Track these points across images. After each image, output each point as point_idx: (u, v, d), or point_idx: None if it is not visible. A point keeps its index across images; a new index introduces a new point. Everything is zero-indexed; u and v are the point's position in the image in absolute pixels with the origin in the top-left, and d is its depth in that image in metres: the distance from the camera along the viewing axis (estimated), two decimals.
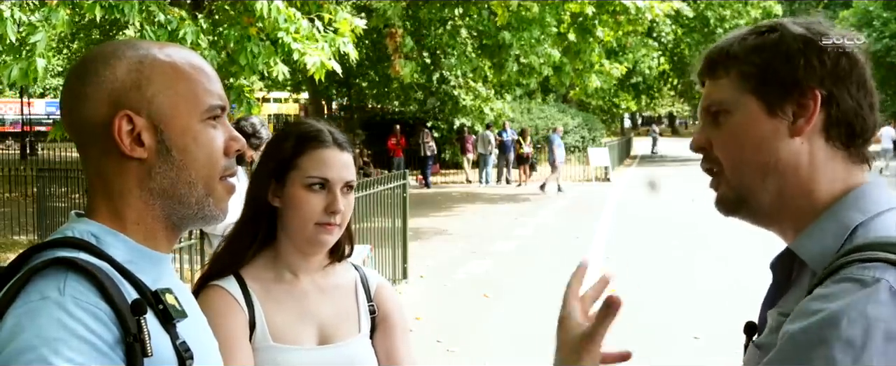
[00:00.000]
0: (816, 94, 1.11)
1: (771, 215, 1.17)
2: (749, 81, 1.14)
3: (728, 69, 1.17)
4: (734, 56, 1.16)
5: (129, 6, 6.47)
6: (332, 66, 7.41)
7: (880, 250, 1.01)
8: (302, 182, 1.71)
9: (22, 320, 0.96)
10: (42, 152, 23.23)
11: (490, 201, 18.82)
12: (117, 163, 1.10)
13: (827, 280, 1.01)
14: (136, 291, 1.05)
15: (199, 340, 1.14)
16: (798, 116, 1.12)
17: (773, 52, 1.13)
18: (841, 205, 1.11)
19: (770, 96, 1.13)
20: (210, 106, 1.13)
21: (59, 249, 1.05)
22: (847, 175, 1.14)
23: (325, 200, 1.70)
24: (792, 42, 1.13)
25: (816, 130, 1.12)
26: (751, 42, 1.16)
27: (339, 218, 1.72)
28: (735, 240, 6.41)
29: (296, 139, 1.74)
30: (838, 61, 1.12)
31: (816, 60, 1.12)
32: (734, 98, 1.15)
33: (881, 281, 0.96)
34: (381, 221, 8.56)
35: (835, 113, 1.12)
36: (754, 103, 1.14)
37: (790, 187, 1.13)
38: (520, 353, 6.52)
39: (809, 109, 1.11)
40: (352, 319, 1.80)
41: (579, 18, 14.31)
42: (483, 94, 17.89)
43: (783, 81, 1.12)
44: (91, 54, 1.14)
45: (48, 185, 12.22)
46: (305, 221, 1.71)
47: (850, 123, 1.13)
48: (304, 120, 1.86)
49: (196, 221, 1.14)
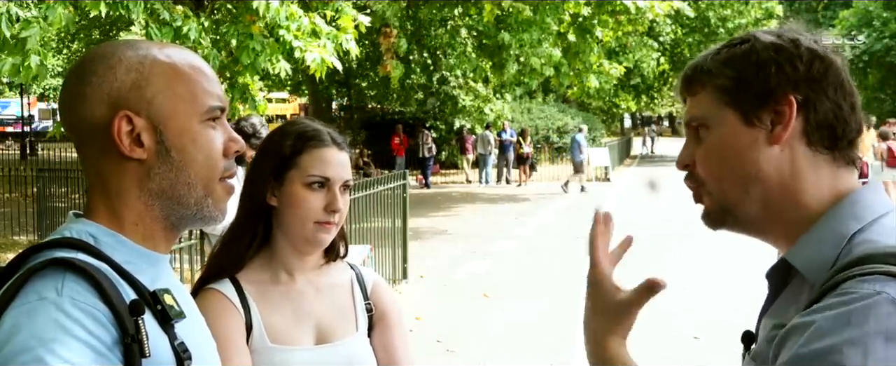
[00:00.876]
0: (791, 99, 1.10)
1: (758, 225, 1.17)
2: (725, 94, 1.14)
3: (704, 84, 1.17)
4: (708, 71, 1.16)
5: (134, 3, 6.46)
6: (333, 62, 7.42)
7: (880, 263, 0.99)
8: (302, 181, 1.70)
9: (19, 320, 0.96)
10: (42, 152, 23.24)
11: (490, 201, 18.83)
12: (116, 163, 1.10)
13: (826, 296, 1.00)
14: (134, 291, 1.04)
15: (198, 340, 1.14)
16: (775, 124, 1.11)
17: (744, 63, 1.13)
18: (835, 212, 1.10)
19: (746, 106, 1.12)
20: (209, 107, 1.13)
21: (58, 249, 1.04)
22: (834, 180, 1.12)
23: (325, 199, 1.70)
24: (763, 51, 1.13)
25: (796, 135, 1.11)
26: (723, 55, 1.16)
27: (338, 217, 1.72)
28: (735, 240, 6.39)
29: (295, 138, 1.73)
30: (812, 65, 1.11)
31: (789, 66, 1.11)
32: (712, 112, 1.15)
33: (882, 295, 0.95)
34: (381, 221, 8.56)
35: (813, 117, 1.11)
36: (731, 115, 1.14)
37: (775, 196, 1.13)
38: (520, 353, 6.53)
39: (786, 115, 1.10)
40: (349, 318, 1.79)
41: (578, 19, 14.31)
42: (483, 94, 17.90)
43: (757, 90, 1.12)
44: (90, 55, 1.14)
45: (48, 185, 12.22)
46: (305, 219, 1.70)
47: (831, 125, 1.11)
48: (300, 119, 1.86)
49: (195, 221, 1.14)
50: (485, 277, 9.67)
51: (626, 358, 1.15)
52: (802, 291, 1.09)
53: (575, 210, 16.72)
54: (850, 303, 0.96)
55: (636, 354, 1.19)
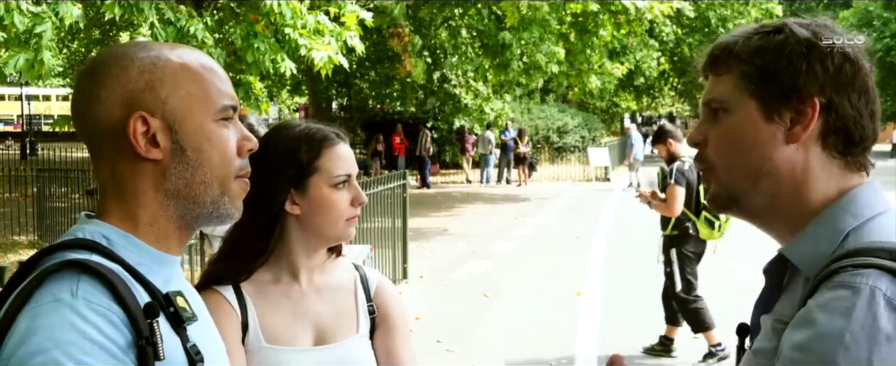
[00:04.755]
0: (815, 101, 1.09)
1: (762, 218, 1.17)
2: (750, 83, 1.13)
3: (730, 67, 1.15)
4: (737, 55, 1.14)
5: (148, 4, 6.47)
6: (339, 60, 7.41)
7: (872, 256, 1.00)
8: (328, 183, 1.70)
9: (34, 322, 0.96)
10: (42, 152, 23.21)
11: (490, 201, 18.82)
12: (132, 164, 1.10)
13: (820, 287, 1.01)
14: (147, 293, 1.05)
15: (209, 343, 1.14)
16: (795, 123, 1.10)
17: (775, 55, 1.11)
18: (833, 209, 1.10)
19: (768, 100, 1.11)
20: (223, 106, 1.14)
21: (71, 250, 1.04)
22: (843, 181, 1.12)
23: (351, 195, 1.72)
24: (796, 45, 1.11)
25: (813, 137, 1.11)
26: (755, 42, 1.14)
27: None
28: (735, 239, 6.42)
29: (307, 143, 1.71)
30: (842, 67, 1.10)
31: (819, 66, 1.10)
32: (734, 97, 1.14)
33: (876, 291, 0.96)
34: (381, 221, 8.55)
35: (833, 121, 1.10)
36: (753, 106, 1.13)
37: (783, 193, 1.13)
38: (520, 353, 6.53)
39: (807, 116, 1.10)
40: (350, 319, 1.78)
41: (580, 18, 14.31)
42: (483, 93, 17.87)
43: (783, 86, 1.11)
44: (101, 56, 1.14)
45: (48, 185, 12.21)
46: (337, 219, 1.71)
47: (849, 131, 1.11)
48: (291, 122, 1.81)
49: (211, 220, 1.14)
50: (485, 277, 9.67)
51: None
52: (799, 285, 1.10)
53: (575, 210, 16.72)
54: (843, 299, 0.97)
55: (636, 353, 1.20)
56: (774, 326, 1.09)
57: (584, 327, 7.08)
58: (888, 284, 0.97)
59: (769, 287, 1.17)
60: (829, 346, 0.95)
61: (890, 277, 0.98)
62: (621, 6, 14.00)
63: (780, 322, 1.07)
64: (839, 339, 0.95)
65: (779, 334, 1.06)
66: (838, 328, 0.95)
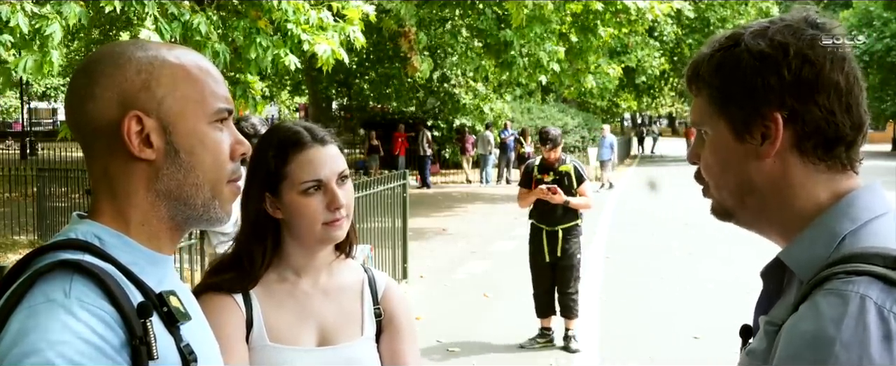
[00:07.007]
0: (776, 116, 1.08)
1: (757, 228, 1.18)
2: (715, 104, 1.13)
3: (700, 89, 1.16)
4: (702, 77, 1.15)
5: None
6: (341, 53, 7.41)
7: (864, 262, 0.99)
8: (296, 190, 1.68)
9: (27, 323, 0.96)
10: (42, 152, 23.22)
11: (490, 201, 18.82)
12: (124, 164, 1.09)
13: (812, 293, 1.00)
14: (140, 293, 1.04)
15: (202, 342, 1.13)
16: (765, 139, 1.10)
17: (731, 74, 1.11)
18: (830, 213, 1.09)
19: (735, 122, 1.12)
20: (218, 109, 1.13)
21: (64, 251, 1.04)
22: (831, 184, 1.10)
23: (326, 199, 1.68)
24: (749, 60, 1.09)
25: (787, 147, 1.09)
26: (715, 60, 1.13)
27: (344, 211, 1.70)
28: (735, 239, 6.41)
29: (276, 149, 1.70)
30: (800, 72, 1.07)
31: (774, 78, 1.07)
32: (710, 119, 1.15)
33: (866, 300, 0.95)
34: (381, 221, 8.56)
35: (801, 128, 1.08)
36: (723, 126, 1.13)
37: (769, 206, 1.13)
38: (519, 353, 6.53)
39: (772, 131, 1.09)
40: (355, 321, 1.77)
41: (580, 18, 14.31)
42: (483, 93, 17.87)
43: (742, 106, 1.10)
44: (98, 54, 1.13)
45: (48, 185, 12.21)
46: (312, 224, 1.69)
47: (823, 133, 1.08)
48: (280, 125, 1.80)
49: (201, 222, 1.14)
50: (485, 277, 9.67)
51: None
52: (795, 288, 1.10)
53: None
54: (833, 307, 0.96)
55: (636, 354, 1.20)
56: (766, 328, 1.09)
57: (584, 326, 7.08)
58: (878, 292, 0.96)
59: (767, 290, 1.17)
60: (819, 356, 0.94)
61: (881, 284, 0.97)
62: (623, 6, 14.00)
63: (772, 324, 1.07)
64: (830, 349, 0.94)
65: (770, 335, 1.06)
66: (829, 338, 0.94)
